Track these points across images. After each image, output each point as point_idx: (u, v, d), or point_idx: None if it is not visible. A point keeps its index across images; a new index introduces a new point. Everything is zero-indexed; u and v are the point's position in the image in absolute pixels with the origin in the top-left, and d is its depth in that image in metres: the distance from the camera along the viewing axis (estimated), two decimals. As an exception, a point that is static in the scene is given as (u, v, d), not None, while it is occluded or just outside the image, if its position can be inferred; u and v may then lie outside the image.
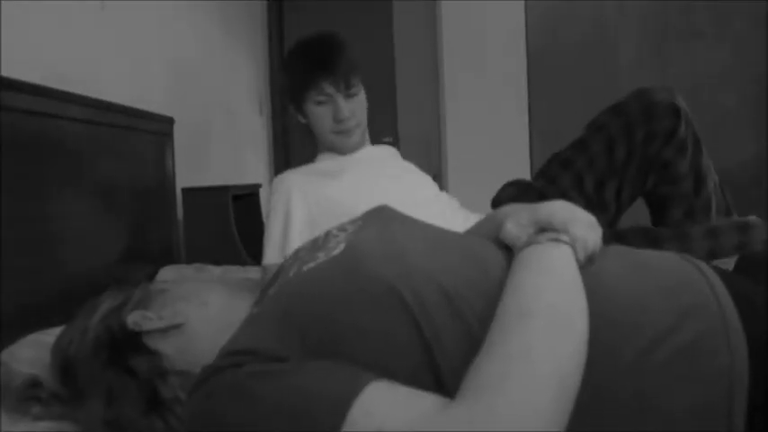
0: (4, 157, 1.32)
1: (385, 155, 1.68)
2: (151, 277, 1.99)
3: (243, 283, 1.75)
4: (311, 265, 0.77)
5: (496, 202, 1.54)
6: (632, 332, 0.65)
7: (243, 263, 2.34)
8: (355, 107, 1.52)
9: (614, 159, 1.39)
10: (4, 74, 1.36)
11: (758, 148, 3.02)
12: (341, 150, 1.57)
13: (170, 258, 2.25)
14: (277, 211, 1.48)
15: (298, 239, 1.42)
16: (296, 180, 1.50)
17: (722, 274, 0.74)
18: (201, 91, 2.89)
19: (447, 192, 1.74)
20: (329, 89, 1.47)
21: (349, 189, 1.47)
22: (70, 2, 1.80)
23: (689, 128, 1.37)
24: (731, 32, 3.09)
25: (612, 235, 1.36)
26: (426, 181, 1.66)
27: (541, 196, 1.43)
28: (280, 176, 1.55)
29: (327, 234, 0.89)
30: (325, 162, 1.58)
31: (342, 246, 0.78)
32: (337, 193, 1.46)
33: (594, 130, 1.43)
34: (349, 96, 1.50)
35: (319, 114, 1.51)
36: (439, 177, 3.48)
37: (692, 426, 0.62)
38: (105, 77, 1.95)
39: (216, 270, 2.12)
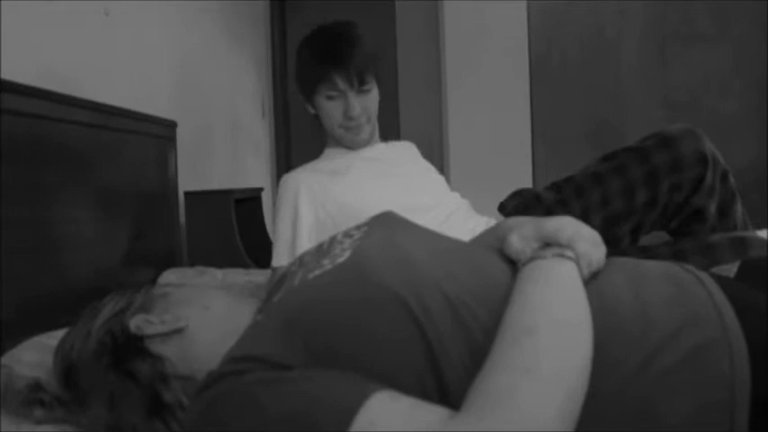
0: (6, 160, 1.32)
1: (394, 154, 1.61)
2: (153, 281, 1.99)
3: (246, 286, 1.75)
4: (317, 272, 0.77)
5: (502, 209, 1.53)
6: (635, 343, 0.66)
7: (245, 266, 2.35)
8: (367, 103, 1.48)
9: (634, 203, 1.35)
10: (7, 77, 1.36)
11: (759, 150, 3.02)
12: (349, 146, 1.55)
13: (172, 262, 2.25)
14: (285, 213, 1.46)
15: (307, 241, 1.41)
16: (304, 179, 1.48)
17: (721, 282, 0.74)
18: (204, 94, 2.90)
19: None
20: (342, 85, 1.43)
21: (354, 190, 1.45)
22: (75, 4, 1.81)
23: (717, 169, 1.33)
24: (732, 35, 3.09)
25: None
26: (435, 183, 1.62)
27: (548, 213, 1.41)
28: (287, 175, 1.53)
29: (332, 240, 0.89)
30: (332, 159, 1.55)
31: (347, 253, 0.79)
32: (343, 195, 1.44)
33: (612, 169, 1.38)
34: (362, 92, 1.46)
35: (329, 108, 1.48)
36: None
37: (695, 430, 0.63)
38: (108, 81, 1.96)
39: (218, 273, 2.13)
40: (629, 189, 1.35)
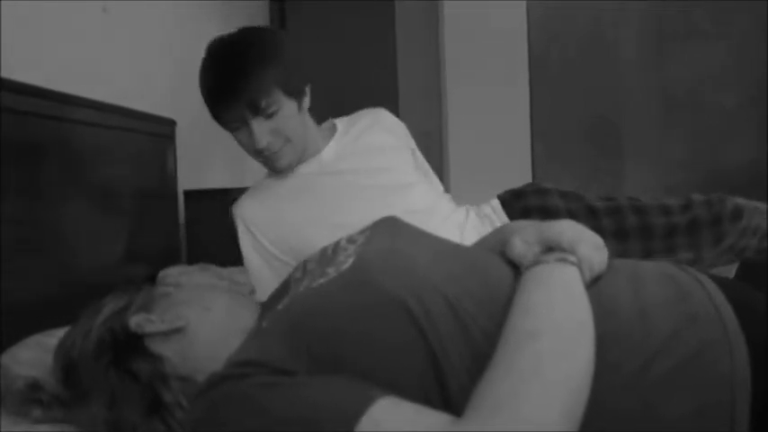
0: (5, 158, 1.32)
1: (357, 157, 1.41)
2: (153, 280, 1.99)
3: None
4: (321, 280, 0.78)
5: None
6: (635, 346, 0.67)
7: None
8: (279, 125, 1.29)
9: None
10: (6, 76, 1.36)
11: (758, 148, 3.01)
12: (276, 172, 1.40)
13: (172, 261, 2.25)
14: (244, 248, 1.41)
15: (270, 279, 1.32)
16: (248, 214, 1.39)
17: (720, 282, 0.75)
18: (203, 93, 2.89)
19: (450, 192, 1.70)
20: (234, 121, 1.28)
21: (308, 220, 1.33)
22: (73, 4, 1.80)
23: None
24: (731, 32, 3.09)
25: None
26: (416, 188, 1.43)
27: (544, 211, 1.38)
28: (235, 205, 1.43)
29: (337, 245, 0.89)
30: (283, 179, 1.41)
31: (351, 260, 0.79)
32: (293, 232, 1.33)
33: (639, 231, 1.34)
34: (267, 117, 1.27)
35: (239, 139, 1.33)
36: (440, 177, 3.48)
37: (696, 431, 0.63)
38: (107, 80, 1.96)
39: (222, 271, 2.12)
40: (646, 250, 1.33)
